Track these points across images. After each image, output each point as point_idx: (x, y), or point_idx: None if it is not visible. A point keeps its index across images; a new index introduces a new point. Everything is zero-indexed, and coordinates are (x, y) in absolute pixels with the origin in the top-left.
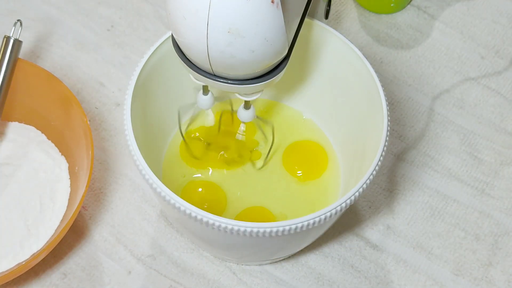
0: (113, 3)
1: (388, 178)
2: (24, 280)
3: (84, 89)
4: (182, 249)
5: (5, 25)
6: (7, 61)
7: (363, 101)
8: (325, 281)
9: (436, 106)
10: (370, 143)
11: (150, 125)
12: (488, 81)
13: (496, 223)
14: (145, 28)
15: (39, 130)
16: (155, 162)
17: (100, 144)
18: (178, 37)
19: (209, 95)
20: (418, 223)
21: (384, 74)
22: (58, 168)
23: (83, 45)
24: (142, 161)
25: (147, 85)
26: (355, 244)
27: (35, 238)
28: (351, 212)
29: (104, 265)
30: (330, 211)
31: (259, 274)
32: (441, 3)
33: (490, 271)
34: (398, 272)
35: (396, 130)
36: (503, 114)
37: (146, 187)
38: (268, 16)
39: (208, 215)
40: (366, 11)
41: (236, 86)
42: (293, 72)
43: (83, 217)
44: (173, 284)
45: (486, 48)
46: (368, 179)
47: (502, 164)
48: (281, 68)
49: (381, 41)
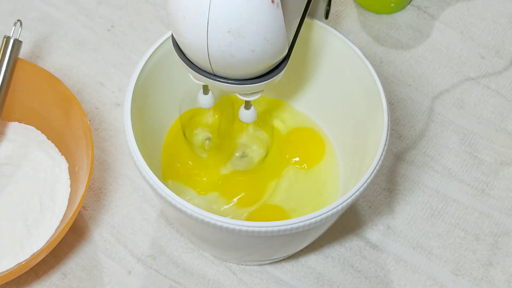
0: (113, 3)
1: (388, 178)
2: (24, 280)
3: (84, 89)
4: (182, 249)
5: (5, 25)
6: (7, 61)
7: (363, 101)
8: (325, 281)
9: (436, 106)
10: (370, 143)
11: (150, 125)
12: (488, 81)
13: (496, 223)
14: (145, 28)
15: (39, 130)
16: (155, 162)
17: (100, 144)
18: (178, 37)
19: (209, 95)
20: (418, 223)
21: (384, 74)
22: (58, 168)
23: (83, 45)
24: (141, 161)
25: (147, 85)
26: (355, 244)
27: (35, 238)
28: (351, 212)
29: (104, 265)
30: (330, 211)
31: (259, 274)
32: (441, 3)
33: (490, 271)
34: (398, 272)
35: (396, 130)
36: (503, 114)
37: (146, 187)
38: (268, 16)
39: (208, 215)
40: (366, 11)
41: (236, 86)
42: (293, 72)
43: (83, 217)
44: (173, 284)
45: (486, 48)
46: (368, 179)
47: (502, 164)
48: (281, 68)
49: (381, 41)
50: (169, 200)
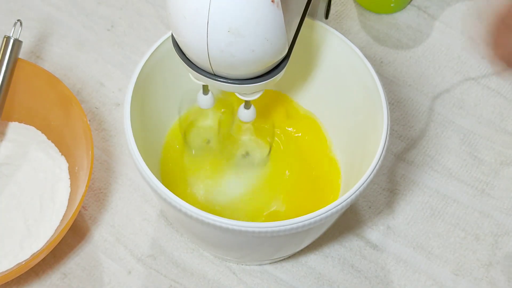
0: (113, 3)
1: (388, 178)
2: (24, 280)
3: (84, 89)
4: (182, 249)
5: (5, 25)
6: (7, 61)
7: (363, 101)
8: (325, 281)
9: (436, 106)
10: (370, 143)
11: (150, 125)
12: (488, 81)
13: (496, 223)
14: (145, 28)
15: (39, 130)
16: (154, 162)
17: (100, 144)
18: (178, 37)
19: (209, 95)
20: (418, 223)
21: (384, 74)
22: (58, 168)
23: (83, 45)
24: (141, 161)
25: (147, 85)
26: (355, 244)
27: (35, 238)
28: (351, 212)
29: (104, 265)
30: (330, 211)
31: (259, 274)
32: (441, 3)
33: (490, 271)
34: (398, 272)
35: (396, 130)
36: (503, 114)
37: (146, 187)
38: (268, 15)
39: (208, 215)
40: (366, 11)
41: (236, 85)
42: (293, 72)
43: (83, 217)
44: (173, 284)
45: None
46: (368, 179)
47: (502, 164)
48: (281, 68)
49: (381, 41)
50: (169, 200)
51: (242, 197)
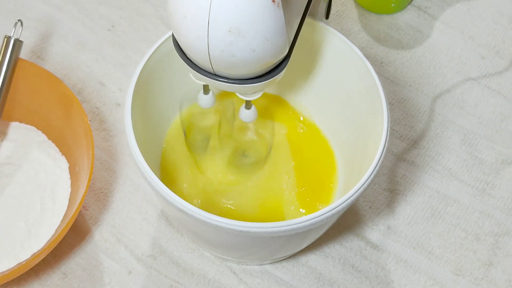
0: (114, 3)
1: (389, 178)
2: (25, 280)
3: (85, 89)
4: (183, 249)
5: (5, 25)
6: (8, 61)
7: (364, 101)
8: (326, 281)
9: (437, 106)
10: (370, 143)
11: (150, 125)
12: (488, 81)
13: (496, 223)
14: (145, 28)
15: (39, 130)
16: (155, 162)
17: (100, 144)
18: (178, 36)
19: (209, 95)
20: (419, 223)
21: (384, 74)
22: (59, 168)
23: (83, 45)
24: (142, 161)
25: (147, 85)
26: (356, 244)
27: (36, 238)
28: (351, 212)
29: (104, 265)
30: (330, 212)
31: (260, 274)
32: (442, 3)
33: (491, 271)
34: (399, 272)
35: (397, 130)
36: (504, 114)
37: (147, 187)
38: (268, 15)
39: (208, 215)
40: (367, 11)
41: (237, 85)
42: (293, 72)
43: (84, 217)
44: (173, 284)
45: (487, 48)
46: (368, 179)
47: (502, 164)
48: (281, 68)
49: (381, 41)
50: (170, 200)
51: (242, 197)
